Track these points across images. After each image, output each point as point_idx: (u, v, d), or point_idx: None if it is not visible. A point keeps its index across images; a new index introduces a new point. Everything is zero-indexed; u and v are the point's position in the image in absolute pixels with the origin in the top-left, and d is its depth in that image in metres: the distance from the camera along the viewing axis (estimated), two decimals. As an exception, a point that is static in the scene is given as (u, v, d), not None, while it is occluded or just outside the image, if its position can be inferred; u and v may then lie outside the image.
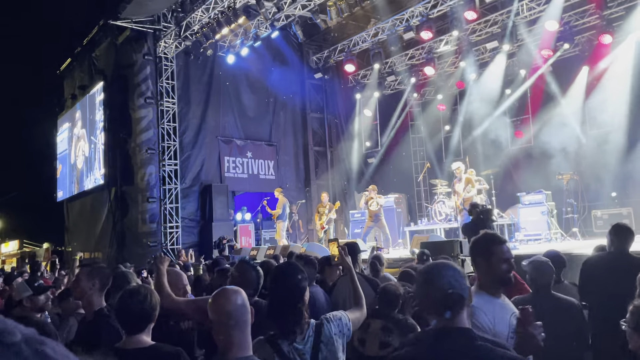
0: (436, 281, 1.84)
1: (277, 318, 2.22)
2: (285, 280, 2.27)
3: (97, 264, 3.41)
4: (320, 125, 17.50)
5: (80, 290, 3.01)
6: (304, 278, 2.29)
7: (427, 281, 1.88)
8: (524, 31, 12.87)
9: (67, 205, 18.67)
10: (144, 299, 2.38)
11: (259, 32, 13.29)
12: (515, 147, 14.51)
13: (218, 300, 1.90)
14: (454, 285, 1.80)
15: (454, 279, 1.82)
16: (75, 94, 17.55)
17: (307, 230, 16.19)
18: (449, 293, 1.79)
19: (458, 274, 1.85)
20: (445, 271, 1.85)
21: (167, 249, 13.16)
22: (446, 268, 1.88)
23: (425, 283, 1.89)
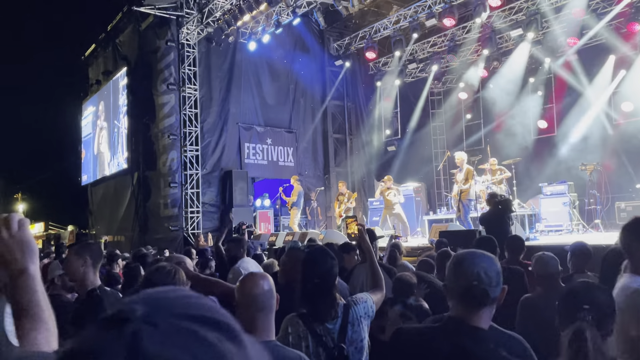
0: (466, 268, 1.73)
1: (311, 302, 2.30)
2: (318, 266, 2.34)
3: (86, 241, 3.37)
4: (340, 112, 17.48)
5: (72, 270, 2.91)
6: (336, 264, 2.37)
7: (457, 265, 1.78)
8: (549, 18, 12.62)
9: (91, 189, 19.06)
10: (168, 274, 2.41)
11: (281, 18, 13.27)
12: (537, 137, 14.31)
13: (246, 284, 1.97)
14: (482, 279, 1.70)
15: (485, 273, 1.71)
16: (99, 79, 17.82)
17: (326, 218, 16.28)
18: (473, 285, 1.69)
19: (492, 269, 1.73)
20: (480, 261, 1.74)
21: (187, 233, 13.38)
22: (482, 258, 1.76)
23: (455, 267, 1.79)
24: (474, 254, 1.79)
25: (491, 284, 1.70)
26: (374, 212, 13.97)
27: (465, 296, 1.71)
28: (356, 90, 17.37)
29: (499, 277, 1.73)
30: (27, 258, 1.18)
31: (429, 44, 15.14)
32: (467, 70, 15.30)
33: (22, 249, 1.18)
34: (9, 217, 1.21)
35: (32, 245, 1.20)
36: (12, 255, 1.17)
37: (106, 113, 17.10)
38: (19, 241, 1.18)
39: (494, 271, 1.72)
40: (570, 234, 10.63)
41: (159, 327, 0.50)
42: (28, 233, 1.21)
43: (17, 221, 1.20)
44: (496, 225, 7.20)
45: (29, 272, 1.17)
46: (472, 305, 1.71)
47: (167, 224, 13.53)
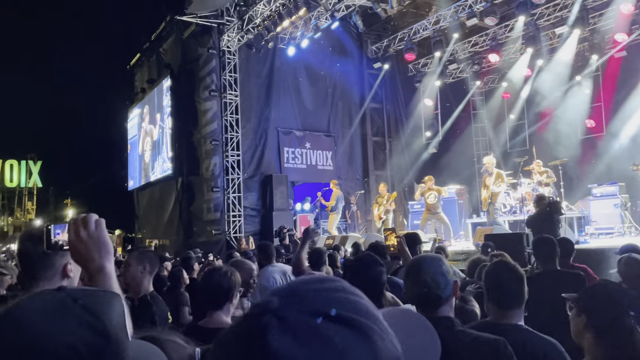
0: (415, 277, 1.91)
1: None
2: (367, 272, 2.32)
3: (144, 248, 3.50)
4: (379, 115, 17.41)
5: (130, 274, 3.01)
6: (384, 271, 2.36)
7: (408, 274, 1.97)
8: (596, 14, 12.20)
9: (137, 194, 19.62)
10: (224, 275, 2.49)
11: (319, 23, 13.34)
12: (585, 136, 13.84)
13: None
14: (430, 285, 1.86)
15: (432, 279, 1.87)
16: (144, 87, 18.36)
17: (366, 221, 16.21)
18: (424, 292, 1.86)
19: (437, 272, 1.88)
20: (427, 268, 1.90)
21: (230, 237, 13.59)
22: (428, 264, 1.92)
23: (407, 275, 1.98)
24: (421, 261, 1.96)
25: (439, 287, 1.86)
26: (414, 216, 13.81)
27: (421, 302, 1.89)
28: (395, 92, 17.26)
29: (445, 278, 1.88)
30: (103, 257, 1.23)
31: (470, 44, 14.89)
32: (510, 70, 14.96)
33: (99, 249, 1.23)
34: (87, 217, 1.25)
35: (108, 244, 1.25)
36: (90, 254, 1.22)
37: (150, 120, 17.58)
38: (96, 241, 1.23)
39: (439, 274, 1.87)
40: (622, 236, 10.21)
41: (287, 321, 0.52)
42: (104, 233, 1.26)
43: (94, 221, 1.25)
44: (544, 228, 6.99)
45: (106, 271, 1.22)
46: (430, 307, 1.87)
47: (210, 227, 13.79)
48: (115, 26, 28.24)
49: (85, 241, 1.22)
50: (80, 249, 1.22)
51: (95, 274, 1.21)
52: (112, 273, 1.23)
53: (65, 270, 1.69)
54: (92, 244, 1.22)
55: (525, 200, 11.12)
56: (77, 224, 1.24)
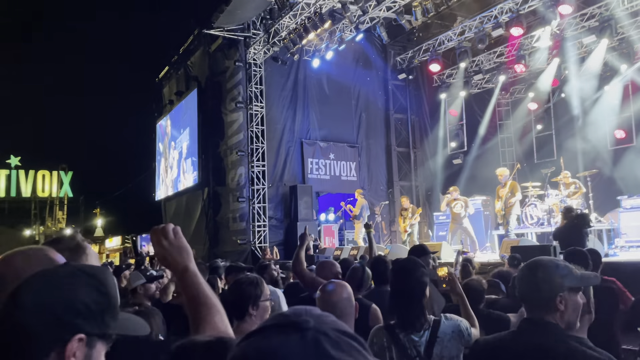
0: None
1: (398, 311, 2.32)
2: (407, 275, 2.34)
3: (197, 261, 3.64)
4: (404, 126, 17.40)
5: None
6: (425, 274, 2.37)
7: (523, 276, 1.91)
8: (625, 24, 12.03)
9: (164, 204, 19.96)
10: (251, 285, 2.53)
11: (344, 35, 13.48)
12: (615, 147, 13.58)
13: (326, 291, 2.06)
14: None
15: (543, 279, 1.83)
16: (172, 99, 18.76)
17: (390, 232, 16.17)
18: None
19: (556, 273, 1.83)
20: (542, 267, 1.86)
21: (255, 246, 13.71)
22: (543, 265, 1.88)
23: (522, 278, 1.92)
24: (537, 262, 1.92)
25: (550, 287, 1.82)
26: (439, 227, 13.73)
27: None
28: (420, 103, 17.25)
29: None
30: (185, 259, 1.42)
31: (496, 54, 14.82)
32: (537, 80, 14.81)
33: (180, 252, 1.42)
34: (166, 227, 1.44)
35: (188, 248, 1.45)
36: (173, 258, 1.41)
37: (177, 132, 17.93)
38: (177, 247, 1.42)
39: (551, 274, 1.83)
40: (654, 250, 9.98)
41: (330, 337, 0.63)
42: (183, 239, 1.45)
43: (172, 230, 1.44)
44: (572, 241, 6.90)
45: (190, 269, 1.41)
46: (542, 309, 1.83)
47: (235, 237, 13.95)
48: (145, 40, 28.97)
49: (167, 248, 1.40)
50: (165, 255, 1.41)
51: (183, 274, 1.40)
52: (196, 271, 1.42)
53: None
54: (173, 250, 1.40)
55: (552, 212, 10.96)
56: (158, 234, 1.42)
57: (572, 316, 1.80)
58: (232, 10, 13.19)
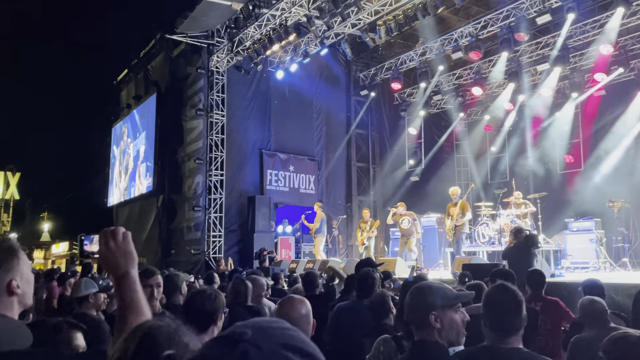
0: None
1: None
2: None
3: (150, 268, 3.52)
4: (364, 141, 17.59)
5: (160, 294, 3.25)
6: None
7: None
8: (577, 54, 12.62)
9: (116, 210, 19.38)
10: (209, 297, 2.50)
11: (309, 49, 13.56)
12: (564, 171, 14.14)
13: (284, 307, 2.03)
14: None
15: None
16: (130, 103, 18.32)
17: (347, 246, 16.22)
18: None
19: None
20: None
21: (209, 257, 13.46)
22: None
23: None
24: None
25: None
26: (395, 242, 13.85)
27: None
28: (381, 119, 17.50)
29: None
30: (129, 264, 1.41)
31: (455, 76, 15.24)
32: (493, 103, 15.31)
33: (125, 257, 1.41)
34: (115, 230, 1.44)
35: (134, 254, 1.44)
36: (117, 261, 1.40)
37: (134, 136, 17.51)
38: (123, 250, 1.42)
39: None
40: (597, 271, 10.37)
41: (263, 350, 0.64)
42: (131, 245, 1.45)
43: (121, 234, 1.44)
44: (520, 261, 7.09)
45: (130, 275, 1.40)
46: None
47: (189, 247, 13.66)
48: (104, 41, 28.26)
49: (113, 251, 1.40)
50: (108, 257, 1.41)
51: (121, 279, 1.39)
52: (136, 278, 1.41)
53: (10, 286, 1.59)
54: (119, 253, 1.41)
55: (503, 231, 11.26)
56: (107, 236, 1.43)
57: (451, 332, 1.92)
58: (196, 16, 13.06)
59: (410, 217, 11.62)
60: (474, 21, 12.67)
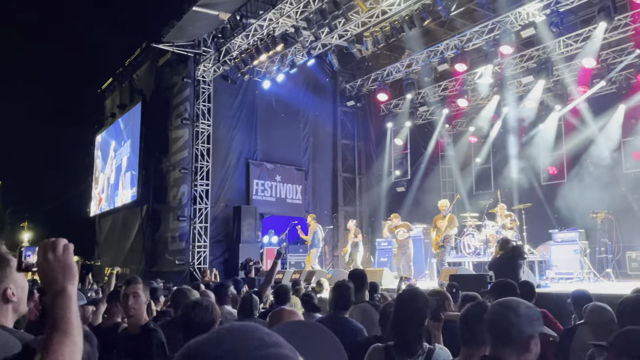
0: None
1: (398, 334, 2.50)
2: (410, 304, 2.55)
3: (135, 278, 3.46)
4: (350, 152, 17.63)
5: (139, 304, 3.14)
6: (427, 306, 2.61)
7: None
8: (560, 67, 12.83)
9: (99, 220, 19.11)
10: (206, 311, 2.47)
11: (296, 59, 13.58)
12: (548, 182, 14.31)
13: (274, 319, 2.00)
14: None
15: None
16: (114, 112, 18.15)
17: (333, 257, 16.17)
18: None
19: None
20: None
21: (194, 267, 13.31)
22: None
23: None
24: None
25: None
26: (381, 253, 13.85)
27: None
28: (367, 130, 17.57)
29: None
30: (67, 279, 1.31)
31: (440, 88, 15.38)
32: (478, 115, 15.47)
33: (64, 271, 1.31)
34: (56, 241, 1.34)
35: (73, 268, 1.34)
36: (55, 276, 1.31)
37: (118, 145, 17.33)
38: (62, 264, 1.31)
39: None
40: (581, 282, 10.47)
41: None
42: (71, 257, 1.34)
43: (62, 245, 1.34)
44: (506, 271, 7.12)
45: (67, 292, 1.30)
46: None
47: (174, 257, 13.49)
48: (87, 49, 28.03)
49: (51, 263, 1.31)
50: (46, 270, 1.31)
51: (57, 295, 1.29)
52: (74, 295, 1.31)
53: (6, 294, 1.65)
54: (58, 266, 1.30)
55: (489, 242, 11.32)
56: (47, 247, 1.33)
57: None
58: (183, 26, 13.02)
59: (405, 227, 11.65)
60: (459, 34, 12.82)
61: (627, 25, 11.21)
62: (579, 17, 12.02)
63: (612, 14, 9.90)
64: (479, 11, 12.55)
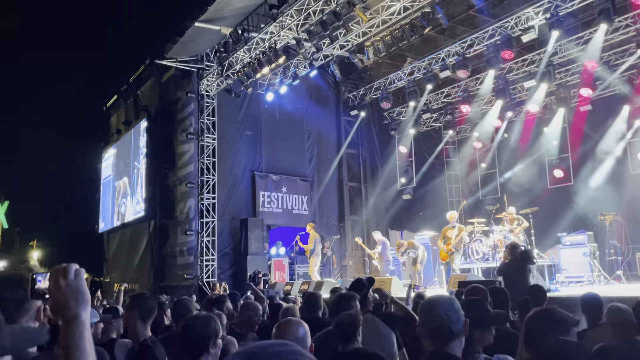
0: (429, 312, 2.11)
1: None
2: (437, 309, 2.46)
3: (141, 295, 3.47)
4: (355, 161, 17.65)
5: (125, 320, 3.23)
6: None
7: (423, 312, 2.15)
8: (562, 70, 12.84)
9: (107, 236, 19.18)
10: (205, 325, 2.44)
11: (298, 71, 13.67)
12: (554, 186, 14.25)
13: (281, 329, 2.01)
14: (443, 319, 2.03)
15: (445, 313, 2.05)
16: (120, 129, 18.28)
17: (341, 266, 16.14)
18: (437, 325, 2.03)
19: (450, 309, 2.07)
20: (439, 304, 2.11)
21: (202, 281, 13.31)
22: (441, 302, 2.13)
23: (421, 313, 2.16)
24: (433, 299, 2.19)
25: (451, 321, 2.04)
26: (388, 261, 13.79)
27: (433, 335, 2.07)
28: (371, 139, 17.60)
29: (457, 314, 2.08)
30: (79, 306, 1.28)
31: (443, 95, 15.41)
32: (482, 120, 15.47)
33: (76, 297, 1.28)
34: (67, 267, 1.32)
35: (86, 294, 1.31)
36: (67, 302, 1.28)
37: (125, 162, 17.43)
38: (74, 290, 1.29)
39: (452, 310, 2.07)
40: (591, 285, 10.39)
41: None
42: (83, 283, 1.31)
43: (73, 271, 1.31)
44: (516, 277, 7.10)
45: (80, 319, 1.27)
46: (442, 341, 2.05)
47: (182, 271, 13.51)
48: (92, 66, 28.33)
49: (63, 290, 1.28)
50: (58, 297, 1.28)
51: (70, 322, 1.27)
52: (87, 322, 1.29)
53: (39, 312, 1.68)
54: (69, 292, 1.28)
55: (497, 247, 11.27)
56: (58, 273, 1.30)
57: None
58: (185, 41, 13.15)
59: (410, 246, 11.83)
60: (460, 40, 12.87)
61: (628, 26, 11.22)
62: (579, 19, 12.04)
63: (612, 15, 9.91)
64: (479, 17, 12.61)
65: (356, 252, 16.45)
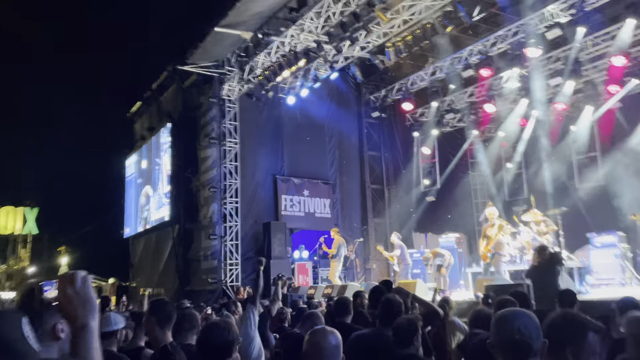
0: (507, 324, 1.96)
1: None
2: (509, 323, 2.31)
3: (160, 300, 3.45)
4: (378, 163, 17.52)
5: (145, 328, 3.21)
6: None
7: (499, 322, 2.00)
8: (589, 67, 12.51)
9: (132, 241, 19.41)
10: (225, 331, 2.43)
11: (319, 73, 13.64)
12: (584, 186, 13.88)
13: (314, 336, 1.97)
14: (522, 332, 1.89)
15: (525, 327, 1.91)
16: (144, 135, 18.52)
17: (364, 270, 16.02)
18: (515, 339, 1.88)
19: (530, 324, 1.93)
20: (519, 317, 1.97)
21: (227, 285, 13.35)
22: (521, 314, 1.99)
23: (497, 323, 2.01)
24: (512, 311, 2.06)
25: (531, 337, 1.89)
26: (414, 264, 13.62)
27: (509, 348, 1.90)
28: (393, 141, 17.45)
29: (538, 331, 1.92)
30: (88, 314, 1.27)
31: (467, 94, 15.17)
32: (506, 119, 15.17)
33: (84, 305, 1.27)
34: (74, 274, 1.31)
35: (93, 302, 1.30)
36: (75, 311, 1.27)
37: (149, 167, 17.63)
38: (82, 298, 1.28)
39: (532, 326, 1.93)
40: (623, 287, 10.09)
41: None
42: (90, 290, 1.30)
43: (80, 278, 1.30)
44: (545, 280, 6.93)
45: (89, 328, 1.26)
46: (518, 356, 1.89)
47: (206, 276, 13.58)
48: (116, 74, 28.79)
49: (71, 298, 1.27)
50: (66, 305, 1.27)
51: (79, 331, 1.26)
52: (95, 330, 1.27)
53: (54, 330, 1.62)
54: (77, 300, 1.27)
55: (524, 249, 11.04)
56: (65, 281, 1.29)
57: None
58: (206, 47, 13.24)
59: (433, 255, 11.73)
60: (483, 39, 12.66)
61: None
62: (606, 15, 11.71)
63: (641, 9, 9.62)
64: (502, 15, 12.38)
65: (380, 255, 16.29)
